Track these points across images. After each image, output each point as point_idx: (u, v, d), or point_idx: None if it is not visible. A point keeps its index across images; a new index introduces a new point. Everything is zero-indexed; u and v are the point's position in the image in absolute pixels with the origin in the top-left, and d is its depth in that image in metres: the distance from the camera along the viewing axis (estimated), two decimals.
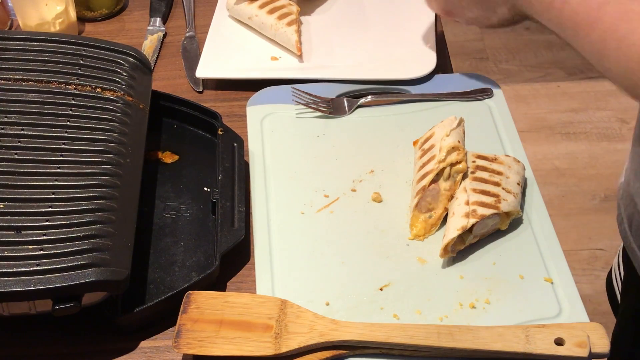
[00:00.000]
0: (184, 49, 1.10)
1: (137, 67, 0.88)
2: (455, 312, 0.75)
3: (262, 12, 1.06)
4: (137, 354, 0.74)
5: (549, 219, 0.83)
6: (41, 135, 0.77)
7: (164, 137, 0.94)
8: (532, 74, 2.47)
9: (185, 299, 0.73)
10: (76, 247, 0.69)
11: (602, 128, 2.29)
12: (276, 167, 0.89)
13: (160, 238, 0.83)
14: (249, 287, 0.79)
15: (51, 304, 0.69)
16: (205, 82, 1.04)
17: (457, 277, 0.78)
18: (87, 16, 1.14)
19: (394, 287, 0.77)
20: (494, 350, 0.69)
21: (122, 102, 0.83)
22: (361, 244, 0.81)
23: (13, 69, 0.83)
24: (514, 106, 2.34)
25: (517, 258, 0.79)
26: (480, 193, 0.80)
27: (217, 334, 0.71)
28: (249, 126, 0.94)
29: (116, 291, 0.72)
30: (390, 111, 0.97)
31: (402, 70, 1.01)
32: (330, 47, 1.06)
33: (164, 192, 0.88)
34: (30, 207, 0.71)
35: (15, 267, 0.67)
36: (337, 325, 0.71)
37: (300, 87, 0.98)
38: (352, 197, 0.86)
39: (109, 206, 0.74)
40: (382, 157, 0.90)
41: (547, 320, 0.73)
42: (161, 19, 1.15)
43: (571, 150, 2.23)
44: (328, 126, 0.95)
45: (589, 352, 0.68)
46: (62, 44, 0.87)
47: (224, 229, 0.80)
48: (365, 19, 1.11)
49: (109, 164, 0.77)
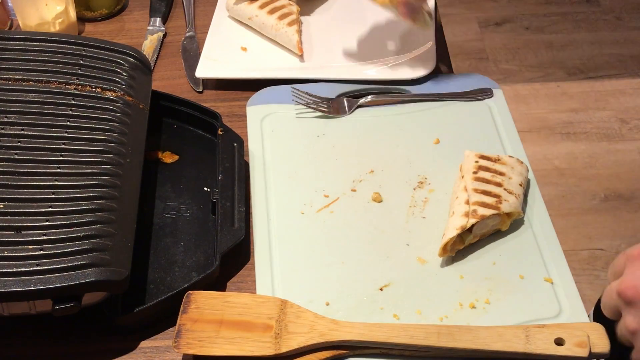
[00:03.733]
0: (184, 49, 1.10)
1: (137, 67, 0.88)
2: (455, 312, 0.75)
3: (263, 13, 1.06)
4: (137, 354, 0.74)
5: (549, 219, 0.83)
6: (41, 135, 0.77)
7: (164, 137, 0.94)
8: (532, 74, 2.47)
9: (185, 299, 0.73)
10: (76, 247, 0.69)
11: (602, 128, 2.29)
12: (276, 167, 0.89)
13: (160, 238, 0.83)
14: (249, 287, 0.79)
15: (51, 304, 0.69)
16: (205, 82, 1.04)
17: (457, 277, 0.78)
18: (87, 16, 1.14)
19: (394, 287, 0.77)
20: (494, 350, 0.69)
21: (122, 102, 0.83)
22: (361, 244, 0.81)
23: (13, 69, 0.83)
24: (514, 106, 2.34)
25: (517, 258, 0.79)
26: (482, 193, 0.80)
27: (217, 334, 0.71)
28: (249, 126, 0.94)
29: (116, 291, 0.72)
30: (390, 111, 0.97)
31: (402, 70, 1.01)
32: (330, 47, 1.06)
33: (164, 192, 0.88)
34: (30, 207, 0.71)
35: (15, 267, 0.67)
36: (337, 325, 0.71)
37: (300, 87, 0.98)
38: (352, 197, 0.86)
39: (109, 206, 0.74)
40: (382, 157, 0.90)
41: (547, 320, 0.73)
42: (161, 19, 1.15)
43: (571, 150, 2.23)
44: (328, 126, 0.95)
45: (589, 352, 0.68)
46: (62, 44, 0.87)
47: (224, 229, 0.80)
48: (365, 19, 1.11)
49: (109, 164, 0.77)
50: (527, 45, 2.57)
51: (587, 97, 2.39)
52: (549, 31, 2.63)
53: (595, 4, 2.74)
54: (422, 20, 0.97)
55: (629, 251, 0.64)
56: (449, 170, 0.88)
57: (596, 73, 2.47)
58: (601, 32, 2.63)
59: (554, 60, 2.52)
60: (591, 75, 2.46)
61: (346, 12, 1.13)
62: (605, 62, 2.51)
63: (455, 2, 2.76)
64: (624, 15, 2.70)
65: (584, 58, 2.53)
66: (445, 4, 2.73)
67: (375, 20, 1.11)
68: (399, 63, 1.02)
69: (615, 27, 2.65)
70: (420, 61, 1.01)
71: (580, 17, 2.68)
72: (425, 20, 0.98)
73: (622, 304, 0.63)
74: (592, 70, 2.48)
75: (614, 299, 0.63)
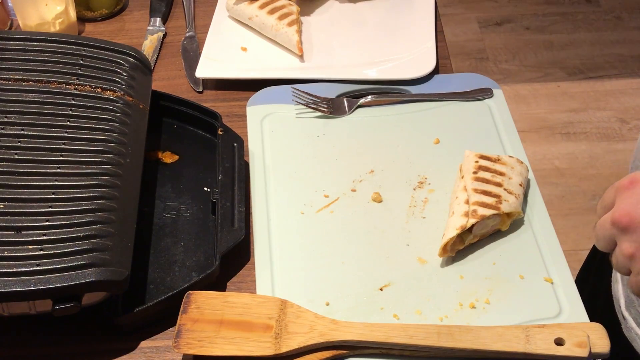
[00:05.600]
0: (184, 49, 1.10)
1: (137, 67, 0.88)
2: (455, 312, 0.75)
3: (263, 13, 1.06)
4: (137, 354, 0.74)
5: (549, 219, 0.83)
6: (41, 135, 0.77)
7: (164, 137, 0.94)
8: (532, 74, 2.47)
9: (185, 299, 0.73)
10: (76, 247, 0.69)
11: (602, 128, 2.30)
12: (276, 167, 0.89)
13: (160, 238, 0.83)
14: (249, 287, 0.79)
15: (51, 304, 0.69)
16: (205, 82, 1.04)
17: (457, 277, 0.78)
18: (87, 16, 1.14)
19: (394, 287, 0.77)
20: (494, 350, 0.69)
21: (122, 102, 0.83)
22: (361, 244, 0.81)
23: (13, 69, 0.83)
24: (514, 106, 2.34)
25: (517, 258, 0.79)
26: (482, 193, 0.80)
27: (217, 334, 0.71)
28: (249, 126, 0.94)
29: (116, 291, 0.72)
30: (390, 111, 0.97)
31: (402, 70, 1.01)
32: (330, 47, 1.06)
33: (164, 192, 0.88)
34: (30, 207, 0.71)
35: (15, 267, 0.67)
36: (337, 325, 0.71)
37: (300, 87, 0.98)
38: (352, 197, 0.86)
39: (109, 206, 0.74)
40: (382, 157, 0.90)
41: (547, 320, 0.73)
42: (161, 19, 1.15)
43: (571, 150, 2.23)
44: (328, 126, 0.95)
45: (589, 352, 0.68)
46: (62, 44, 0.87)
47: (224, 229, 0.80)
48: (365, 19, 1.11)
49: (109, 164, 0.77)
50: (527, 45, 2.57)
51: (587, 97, 2.39)
52: (549, 31, 2.63)
53: (595, 4, 2.74)
54: None
55: (617, 184, 0.64)
56: (449, 170, 0.88)
57: (596, 73, 2.47)
58: (601, 32, 2.63)
59: (554, 60, 2.52)
60: (591, 75, 2.46)
61: (346, 12, 1.13)
62: (605, 62, 2.51)
63: (455, 2, 2.76)
64: (624, 15, 2.70)
65: (584, 58, 2.53)
66: (445, 4, 2.73)
67: (375, 20, 1.11)
68: (399, 63, 1.02)
69: (615, 27, 2.65)
70: (420, 61, 1.01)
71: (580, 17, 2.69)
72: None
73: (617, 232, 0.63)
74: (592, 70, 2.49)
75: (608, 229, 0.64)
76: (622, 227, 0.62)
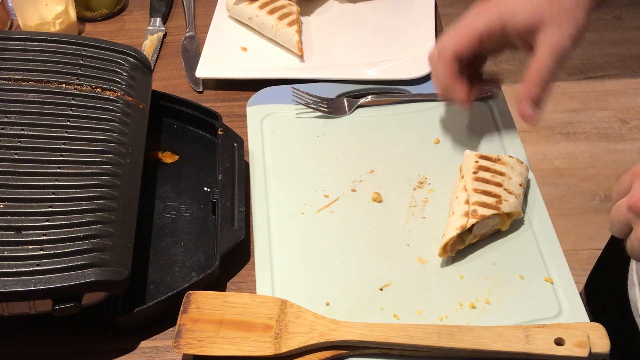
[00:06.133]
0: (184, 49, 1.10)
1: (137, 67, 0.88)
2: (455, 312, 0.75)
3: (263, 13, 1.06)
4: (137, 354, 0.74)
5: (549, 219, 0.83)
6: (41, 135, 0.77)
7: (164, 137, 0.94)
8: None
9: (185, 299, 0.73)
10: (76, 247, 0.69)
11: (602, 128, 2.30)
12: (276, 167, 0.89)
13: (160, 238, 0.83)
14: (249, 287, 0.79)
15: (51, 304, 0.69)
16: (205, 82, 1.04)
17: (457, 277, 0.78)
18: (87, 16, 1.14)
19: (394, 287, 0.77)
20: (494, 350, 0.69)
21: (122, 102, 0.83)
22: (361, 244, 0.81)
23: (13, 69, 0.83)
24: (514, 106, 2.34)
25: (517, 258, 0.79)
26: (482, 193, 0.80)
27: (217, 334, 0.71)
28: (249, 126, 0.94)
29: (116, 291, 0.72)
30: (390, 111, 0.97)
31: (402, 70, 1.01)
32: (330, 47, 1.06)
33: (164, 192, 0.88)
34: (30, 207, 0.71)
35: (15, 267, 0.67)
36: (337, 325, 0.71)
37: (300, 87, 0.98)
38: (352, 197, 0.86)
39: (109, 206, 0.74)
40: (382, 157, 0.90)
41: (547, 320, 0.73)
42: (161, 19, 1.15)
43: (571, 150, 2.23)
44: (328, 126, 0.95)
45: (589, 352, 0.68)
46: (62, 44, 0.87)
47: (224, 229, 0.80)
48: (365, 19, 1.11)
49: (109, 164, 0.77)
50: None
51: (587, 97, 2.39)
52: None
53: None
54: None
55: (634, 169, 0.65)
56: (449, 170, 0.88)
57: (596, 73, 2.47)
58: (601, 32, 2.63)
59: None
60: (591, 75, 2.46)
61: (346, 12, 1.13)
62: (605, 62, 2.51)
63: (456, 2, 2.75)
64: (624, 15, 2.70)
65: (584, 58, 2.53)
66: (445, 4, 2.73)
67: (375, 20, 1.11)
68: (399, 63, 1.02)
69: (615, 27, 2.65)
70: (420, 61, 1.01)
71: None
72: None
73: (634, 217, 0.63)
74: (592, 70, 2.49)
75: (624, 214, 0.64)
76: (639, 212, 0.62)
